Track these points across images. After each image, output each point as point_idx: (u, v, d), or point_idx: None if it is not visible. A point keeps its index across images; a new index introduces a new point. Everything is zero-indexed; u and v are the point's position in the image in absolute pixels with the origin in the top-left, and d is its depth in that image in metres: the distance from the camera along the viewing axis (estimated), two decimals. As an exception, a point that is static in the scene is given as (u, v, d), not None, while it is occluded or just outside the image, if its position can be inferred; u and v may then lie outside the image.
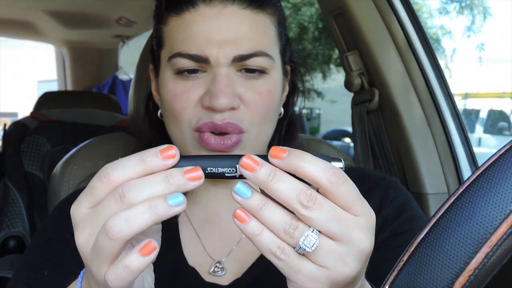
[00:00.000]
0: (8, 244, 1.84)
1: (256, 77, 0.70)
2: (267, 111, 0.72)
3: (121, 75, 3.17)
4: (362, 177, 0.80)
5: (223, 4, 0.69)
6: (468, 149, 1.30)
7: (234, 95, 0.68)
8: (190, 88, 0.69)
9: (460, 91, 11.43)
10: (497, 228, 0.30)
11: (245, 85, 0.70)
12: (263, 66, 0.70)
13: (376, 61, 1.28)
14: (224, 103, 0.67)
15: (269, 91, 0.71)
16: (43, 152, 1.99)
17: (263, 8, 0.71)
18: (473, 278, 0.29)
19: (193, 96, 0.69)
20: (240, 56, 0.68)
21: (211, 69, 0.69)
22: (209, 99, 0.68)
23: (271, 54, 0.71)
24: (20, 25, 2.63)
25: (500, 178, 0.31)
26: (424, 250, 0.32)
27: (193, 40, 0.68)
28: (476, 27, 11.86)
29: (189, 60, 0.68)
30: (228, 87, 0.68)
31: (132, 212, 0.41)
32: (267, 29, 0.72)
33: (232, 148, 0.69)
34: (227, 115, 0.68)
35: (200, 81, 0.69)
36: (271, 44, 0.72)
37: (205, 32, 0.68)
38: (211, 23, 0.68)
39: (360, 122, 1.35)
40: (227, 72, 0.68)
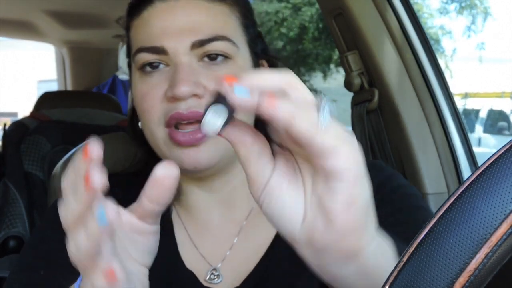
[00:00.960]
0: (8, 244, 1.84)
1: (219, 63, 0.70)
2: None
3: (121, 75, 3.17)
4: None
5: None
6: (468, 149, 1.30)
7: (197, 83, 0.68)
8: (155, 85, 0.70)
9: (460, 91, 11.43)
10: (497, 228, 0.30)
11: (208, 73, 0.69)
12: (225, 51, 0.70)
13: (376, 61, 1.28)
14: (185, 90, 0.66)
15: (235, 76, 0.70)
16: (43, 152, 1.99)
17: (221, 1, 0.72)
18: (473, 278, 0.29)
19: (159, 93, 0.69)
20: (199, 41, 0.68)
21: (171, 61, 0.69)
22: (171, 89, 0.67)
23: (233, 39, 0.71)
24: (20, 25, 2.63)
25: (500, 178, 0.31)
26: (424, 250, 0.32)
27: (149, 33, 0.70)
28: (476, 27, 11.86)
29: (148, 53, 0.69)
30: (189, 75, 0.67)
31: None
32: (226, 18, 0.72)
33: (203, 140, 0.68)
34: (191, 103, 0.68)
35: (163, 76, 0.69)
36: (232, 31, 0.72)
37: (161, 24, 0.70)
38: (166, 15, 0.70)
39: (360, 122, 1.35)
40: (188, 61, 0.68)
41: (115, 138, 1.07)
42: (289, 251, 0.70)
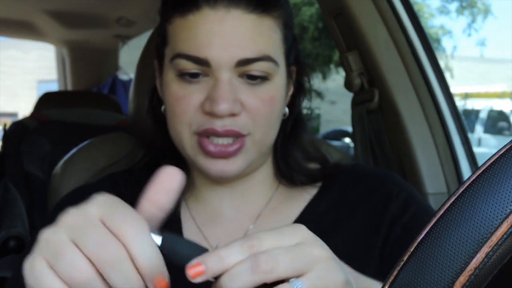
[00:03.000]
0: (8, 244, 1.84)
1: (259, 83, 0.70)
2: (270, 116, 0.71)
3: (121, 75, 3.17)
4: (360, 178, 0.80)
5: (227, 8, 0.67)
6: (468, 149, 1.30)
7: (235, 101, 0.68)
8: (192, 92, 0.69)
9: (460, 91, 11.43)
10: (497, 228, 0.30)
11: (247, 91, 0.69)
12: (267, 71, 0.69)
13: (376, 61, 1.28)
14: (225, 108, 0.66)
15: (271, 97, 0.71)
16: (43, 152, 1.99)
17: (269, 11, 0.70)
18: (473, 278, 0.29)
19: (194, 101, 0.69)
20: (245, 59, 0.67)
21: (212, 73, 0.68)
22: (209, 104, 0.67)
23: (275, 58, 0.70)
24: (20, 25, 2.63)
25: (500, 177, 0.31)
26: (424, 250, 0.32)
27: (194, 42, 0.68)
28: (476, 26, 11.86)
29: (190, 61, 0.68)
30: (229, 93, 0.67)
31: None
32: (272, 33, 0.70)
33: (235, 154, 0.70)
34: (227, 121, 0.68)
35: (202, 85, 0.69)
36: (275, 47, 0.71)
37: (207, 34, 0.67)
38: (214, 26, 0.67)
39: (360, 122, 1.35)
40: (229, 78, 0.68)
41: (115, 138, 1.07)
42: None
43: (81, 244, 0.41)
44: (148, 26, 2.58)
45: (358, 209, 0.77)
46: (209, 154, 0.69)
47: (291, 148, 0.80)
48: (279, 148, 0.80)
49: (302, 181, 0.79)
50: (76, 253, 0.41)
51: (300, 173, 0.80)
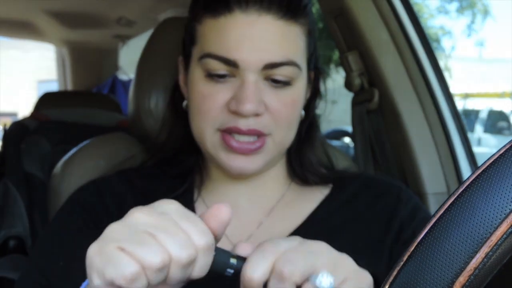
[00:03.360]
0: (8, 244, 1.84)
1: (282, 87, 0.73)
2: (290, 119, 0.75)
3: (121, 75, 3.17)
4: (369, 183, 0.84)
5: (259, 13, 0.70)
6: (468, 149, 1.30)
7: (259, 102, 0.71)
8: (218, 91, 0.72)
9: (460, 91, 11.42)
10: (497, 228, 0.30)
11: (271, 94, 0.72)
12: (291, 76, 0.72)
13: (376, 61, 1.28)
14: (250, 108, 0.69)
15: (293, 100, 0.74)
16: (43, 152, 1.99)
17: (296, 18, 0.73)
18: (473, 278, 0.29)
19: (220, 99, 0.71)
20: (272, 63, 0.70)
21: (240, 74, 0.71)
22: (235, 103, 0.70)
23: (299, 64, 0.73)
24: (20, 25, 2.63)
25: (500, 177, 0.31)
26: (424, 250, 0.32)
27: (225, 43, 0.70)
28: (476, 26, 11.86)
29: (219, 62, 0.70)
30: (255, 94, 0.70)
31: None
32: (297, 39, 0.74)
33: (256, 152, 0.73)
34: (251, 121, 0.71)
35: (228, 85, 0.71)
36: (300, 54, 0.74)
37: (238, 37, 0.70)
38: (244, 30, 0.70)
39: (360, 122, 1.35)
40: (255, 79, 0.70)
41: (115, 138, 1.07)
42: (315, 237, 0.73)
43: (158, 236, 0.44)
44: (148, 26, 2.58)
45: (368, 211, 0.80)
46: (231, 149, 0.72)
47: (306, 150, 0.84)
48: (293, 150, 0.83)
49: (315, 181, 0.83)
50: (155, 243, 0.44)
51: (314, 174, 0.83)
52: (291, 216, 0.80)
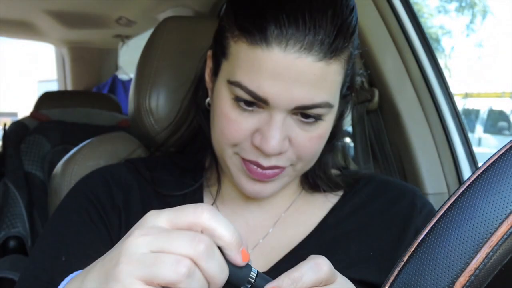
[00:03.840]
0: (8, 244, 1.84)
1: (311, 122, 0.69)
2: (315, 152, 0.72)
3: (121, 75, 3.17)
4: (385, 184, 0.83)
5: (298, 54, 0.63)
6: (468, 149, 1.30)
7: (285, 139, 0.68)
8: (244, 119, 0.68)
9: (460, 91, 11.42)
10: (497, 228, 0.30)
11: (298, 129, 0.69)
12: (321, 114, 0.68)
13: (376, 61, 1.28)
14: (274, 149, 0.66)
15: (320, 135, 0.70)
16: (43, 152, 1.99)
17: (338, 56, 0.66)
18: (473, 278, 0.29)
19: (245, 129, 0.68)
20: (304, 106, 0.66)
21: (269, 109, 0.67)
22: (260, 140, 0.67)
23: (332, 102, 0.69)
24: (20, 25, 2.62)
25: (500, 178, 0.31)
26: (424, 250, 0.32)
27: (258, 79, 0.65)
28: (476, 26, 11.86)
29: (248, 95, 0.66)
30: (281, 133, 0.67)
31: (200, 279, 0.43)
32: (336, 76, 0.67)
33: (273, 178, 0.71)
34: (273, 159, 0.69)
35: (255, 115, 0.68)
36: (335, 91, 0.69)
37: (272, 76, 0.64)
38: (280, 69, 0.64)
39: (360, 122, 1.35)
40: (283, 117, 0.67)
41: (115, 138, 1.07)
42: (321, 248, 0.72)
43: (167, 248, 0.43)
44: (148, 26, 2.58)
45: (380, 218, 0.78)
46: (251, 175, 0.70)
47: (327, 157, 0.82)
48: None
49: (325, 189, 0.81)
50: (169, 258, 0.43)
51: (325, 182, 0.81)
52: (300, 223, 0.79)
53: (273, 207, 0.80)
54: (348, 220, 0.78)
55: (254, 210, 0.80)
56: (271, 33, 0.63)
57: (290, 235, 0.77)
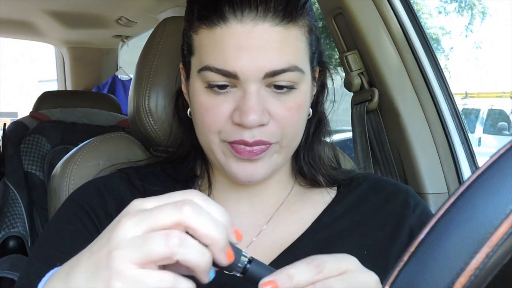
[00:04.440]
0: (8, 244, 1.84)
1: (285, 92, 0.71)
2: (296, 124, 0.73)
3: (121, 75, 3.17)
4: (379, 183, 0.83)
5: (255, 22, 0.68)
6: (468, 149, 1.30)
7: (263, 111, 0.69)
8: (221, 103, 0.70)
9: (460, 91, 11.42)
10: (497, 228, 0.29)
11: (274, 101, 0.70)
12: (293, 80, 0.70)
13: (376, 61, 1.28)
14: (254, 120, 0.67)
15: (298, 105, 0.72)
16: (43, 152, 1.99)
17: (295, 21, 0.70)
18: (473, 278, 0.29)
19: (224, 112, 0.70)
20: (273, 71, 0.68)
21: (241, 85, 0.69)
22: (239, 116, 0.68)
23: (301, 67, 0.71)
24: (20, 25, 2.63)
25: (500, 178, 0.31)
26: (424, 250, 0.32)
27: (223, 55, 0.68)
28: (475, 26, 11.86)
29: (218, 74, 0.69)
30: (258, 105, 0.68)
31: (195, 246, 0.42)
32: (298, 42, 0.71)
33: (261, 155, 0.71)
34: (256, 131, 0.70)
35: (230, 96, 0.70)
36: (301, 56, 0.72)
37: (235, 48, 0.68)
38: (241, 40, 0.67)
39: (360, 122, 1.35)
40: (257, 89, 0.69)
41: (115, 138, 1.07)
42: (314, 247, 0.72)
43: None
44: (148, 26, 2.58)
45: (373, 216, 0.79)
46: (239, 154, 0.71)
47: (317, 147, 0.83)
48: (302, 147, 0.82)
49: (324, 183, 0.81)
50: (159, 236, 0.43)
51: (323, 175, 0.82)
52: (294, 221, 0.79)
53: (266, 206, 0.80)
54: (342, 219, 0.79)
55: (246, 210, 0.80)
56: (226, 10, 0.68)
57: (283, 234, 0.77)
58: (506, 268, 0.30)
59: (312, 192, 0.82)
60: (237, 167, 0.72)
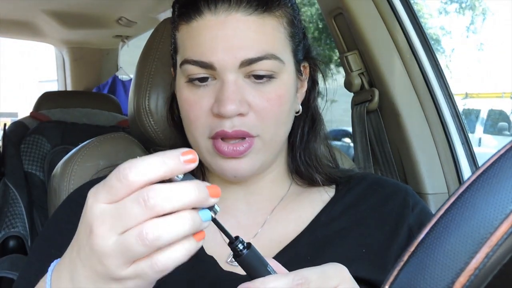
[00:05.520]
0: (8, 244, 1.84)
1: (265, 82, 0.71)
2: (278, 116, 0.73)
3: (121, 75, 3.17)
4: (375, 186, 0.83)
5: (228, 12, 0.69)
6: (468, 149, 1.30)
7: (242, 101, 0.69)
8: (201, 97, 0.71)
9: (460, 91, 11.42)
10: (497, 228, 0.30)
11: (253, 91, 0.71)
12: (272, 70, 0.71)
13: (376, 61, 1.28)
14: (231, 109, 0.68)
15: (278, 95, 0.72)
16: (43, 152, 1.99)
17: (270, 11, 0.72)
18: (473, 278, 0.29)
19: (205, 105, 0.71)
20: (248, 59, 0.69)
21: (219, 76, 0.70)
22: (217, 106, 0.69)
23: (280, 56, 0.71)
24: (20, 25, 2.62)
25: (500, 178, 0.31)
26: (424, 250, 0.32)
27: (199, 47, 0.70)
28: (476, 27, 11.86)
29: (197, 66, 0.70)
30: (235, 94, 0.69)
31: (170, 223, 0.42)
32: (275, 32, 0.72)
33: (245, 153, 0.71)
34: (236, 121, 0.70)
35: (210, 89, 0.71)
36: (280, 46, 0.72)
37: (210, 39, 0.69)
38: (216, 31, 0.69)
39: (360, 122, 1.35)
40: (234, 78, 0.69)
41: (115, 138, 1.07)
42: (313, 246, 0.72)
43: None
44: (148, 26, 2.58)
45: (372, 215, 0.79)
46: (223, 155, 0.71)
47: (313, 146, 0.83)
48: (298, 146, 0.82)
49: (321, 182, 0.81)
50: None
51: (320, 174, 0.82)
52: (291, 220, 0.79)
53: (263, 205, 0.80)
54: (341, 218, 0.78)
55: (243, 208, 0.80)
56: (201, 4, 0.70)
57: (281, 233, 0.77)
58: (506, 268, 0.30)
59: (310, 191, 0.82)
60: (222, 164, 0.73)
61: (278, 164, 0.82)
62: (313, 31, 10.79)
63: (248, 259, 0.49)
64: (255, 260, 0.50)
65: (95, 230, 0.43)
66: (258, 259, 0.50)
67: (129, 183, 0.42)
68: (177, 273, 0.52)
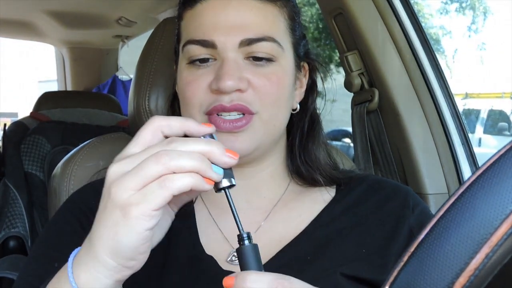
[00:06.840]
0: (8, 244, 1.84)
1: (264, 64, 0.73)
2: (277, 95, 0.74)
3: (121, 75, 3.17)
4: (375, 187, 0.83)
5: None
6: (468, 149, 1.30)
7: (241, 78, 0.71)
8: (201, 75, 0.73)
9: (460, 91, 11.42)
10: (497, 228, 0.29)
11: (253, 71, 0.72)
12: (271, 53, 0.73)
13: (376, 61, 1.28)
14: (230, 84, 0.69)
15: (278, 77, 0.74)
16: (43, 152, 1.99)
17: (272, 2, 0.74)
18: (473, 278, 0.29)
19: (203, 83, 0.72)
20: (248, 39, 0.71)
21: (219, 55, 0.72)
22: (216, 82, 0.70)
23: (279, 40, 0.73)
24: (20, 25, 2.63)
25: (500, 178, 0.31)
26: (424, 250, 0.32)
27: (201, 27, 0.73)
28: (476, 27, 11.87)
29: (198, 46, 0.72)
30: (234, 70, 0.70)
31: (182, 154, 0.49)
32: (276, 19, 0.75)
33: (243, 128, 0.71)
34: (234, 96, 0.71)
35: (210, 68, 0.73)
36: (280, 32, 0.75)
37: (212, 19, 0.72)
38: (219, 12, 0.72)
39: (360, 122, 1.35)
40: (234, 57, 0.71)
41: (115, 138, 1.07)
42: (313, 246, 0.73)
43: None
44: (148, 26, 2.58)
45: (373, 216, 0.79)
46: (220, 129, 0.71)
47: (312, 146, 0.83)
48: (297, 147, 0.82)
49: (323, 182, 0.81)
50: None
51: (321, 174, 0.82)
52: (291, 219, 0.78)
53: (262, 202, 0.80)
54: (341, 218, 0.78)
55: (243, 206, 0.79)
56: None
57: (281, 232, 0.77)
58: (506, 268, 0.30)
59: (310, 191, 0.82)
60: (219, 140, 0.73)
61: (277, 158, 0.82)
62: (313, 31, 10.79)
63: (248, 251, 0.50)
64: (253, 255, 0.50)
65: (114, 188, 0.50)
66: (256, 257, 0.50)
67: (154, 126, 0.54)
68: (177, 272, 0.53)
